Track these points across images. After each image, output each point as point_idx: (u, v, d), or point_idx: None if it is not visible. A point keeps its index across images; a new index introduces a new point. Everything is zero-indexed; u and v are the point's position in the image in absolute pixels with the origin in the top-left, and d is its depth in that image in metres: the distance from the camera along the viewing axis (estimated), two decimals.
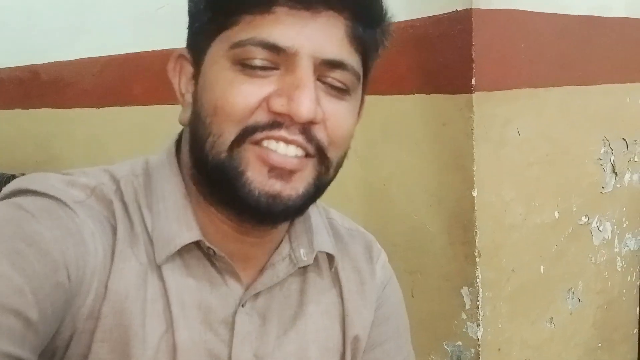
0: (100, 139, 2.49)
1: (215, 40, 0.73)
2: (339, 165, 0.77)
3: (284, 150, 0.71)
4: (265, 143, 0.71)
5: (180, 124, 0.79)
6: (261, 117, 0.70)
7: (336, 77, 0.72)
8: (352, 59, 0.73)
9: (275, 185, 0.71)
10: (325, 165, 0.74)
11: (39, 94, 2.75)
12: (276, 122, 0.70)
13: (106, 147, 2.43)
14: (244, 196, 0.71)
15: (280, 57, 0.70)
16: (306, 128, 0.71)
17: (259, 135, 0.70)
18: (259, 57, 0.70)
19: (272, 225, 0.78)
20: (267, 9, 0.69)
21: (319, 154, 0.73)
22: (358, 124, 0.83)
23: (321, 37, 0.70)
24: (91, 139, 2.53)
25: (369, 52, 0.76)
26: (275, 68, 0.70)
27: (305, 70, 0.69)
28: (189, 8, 0.77)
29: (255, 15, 0.70)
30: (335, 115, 0.73)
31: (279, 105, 0.69)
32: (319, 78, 0.72)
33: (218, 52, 0.72)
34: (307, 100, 0.69)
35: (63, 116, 2.64)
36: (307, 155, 0.72)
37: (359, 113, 0.81)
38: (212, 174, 0.73)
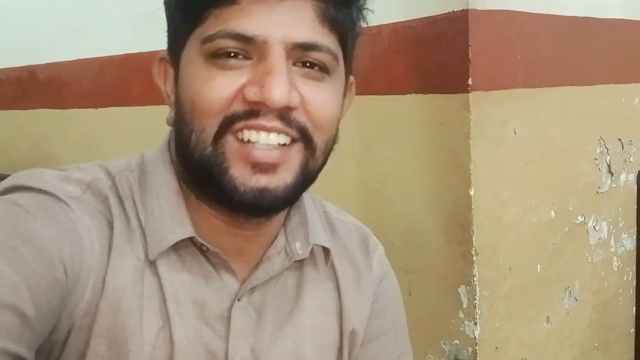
0: (98, 139, 2.49)
1: (188, 39, 0.73)
2: (328, 149, 0.77)
3: (266, 139, 0.71)
4: (246, 135, 0.70)
5: (167, 124, 0.79)
6: (238, 107, 0.70)
7: (312, 57, 0.72)
8: (326, 40, 0.72)
9: (261, 180, 0.71)
10: (311, 150, 0.74)
11: (37, 94, 2.75)
12: (253, 111, 0.70)
13: (104, 148, 2.44)
14: (230, 192, 0.71)
15: (250, 46, 0.70)
16: (283, 114, 0.71)
17: (238, 125, 0.70)
18: (230, 48, 0.70)
19: (265, 217, 0.78)
20: (232, 0, 0.69)
21: (304, 138, 0.73)
22: (358, 121, 0.83)
23: (289, 21, 0.70)
24: (89, 139, 2.53)
25: (346, 31, 0.75)
26: (249, 58, 0.70)
27: (276, 57, 0.69)
28: (164, 11, 0.78)
29: (222, 9, 0.70)
30: (315, 98, 0.72)
31: (252, 93, 0.69)
32: (295, 63, 0.71)
33: (192, 49, 0.73)
34: (278, 85, 0.68)
35: (61, 116, 2.64)
36: (293, 140, 0.72)
37: (345, 96, 0.80)
38: (199, 171, 0.73)
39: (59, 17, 2.62)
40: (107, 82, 2.44)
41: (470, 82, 1.45)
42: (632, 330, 2.01)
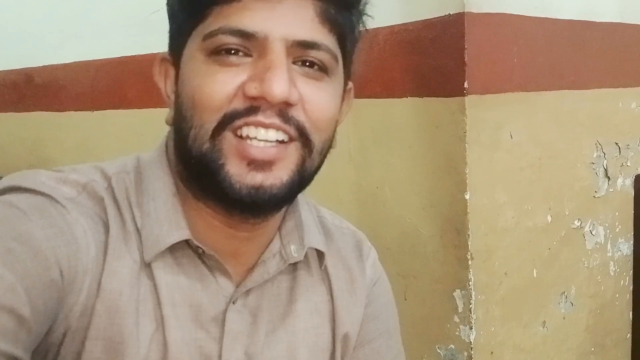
0: (94, 142, 2.49)
1: (190, 37, 0.74)
2: (325, 151, 0.77)
3: (264, 135, 0.71)
4: (245, 131, 0.71)
5: (167, 124, 0.80)
6: (239, 104, 0.71)
7: (311, 55, 0.72)
8: (326, 39, 0.73)
9: (256, 178, 0.71)
10: (308, 149, 0.74)
11: (33, 97, 2.75)
12: (253, 107, 0.70)
13: (100, 151, 2.44)
14: (227, 190, 0.71)
15: (251, 42, 0.70)
16: (283, 110, 0.71)
17: (237, 123, 0.71)
18: (231, 45, 0.70)
19: (261, 216, 0.78)
20: None
21: (301, 137, 0.73)
22: (353, 125, 0.83)
23: (290, 19, 0.71)
24: (85, 142, 2.53)
25: (345, 34, 0.76)
26: (249, 55, 0.71)
27: (276, 53, 0.70)
28: (167, 12, 0.79)
29: (223, 6, 0.71)
30: (314, 97, 0.73)
31: (252, 89, 0.70)
32: (295, 62, 0.72)
33: (193, 46, 0.73)
34: (278, 80, 0.69)
35: (57, 119, 2.64)
36: (290, 138, 0.72)
37: (344, 100, 0.81)
38: (196, 167, 0.73)
39: (56, 20, 2.62)
40: (103, 85, 2.44)
41: (466, 85, 1.45)
42: (629, 335, 2.01)
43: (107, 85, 2.42)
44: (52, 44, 2.63)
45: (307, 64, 0.73)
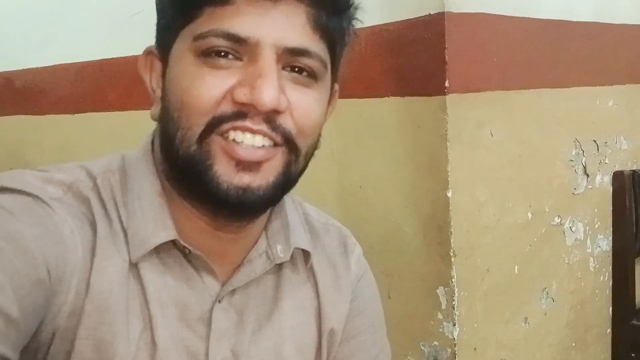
0: (75, 145, 2.48)
1: (179, 35, 0.73)
2: (310, 154, 0.78)
3: (251, 141, 0.71)
4: (231, 135, 0.71)
5: (152, 119, 0.80)
6: (227, 108, 0.71)
7: (301, 62, 0.73)
8: (317, 47, 0.73)
9: (244, 178, 0.71)
10: (294, 154, 0.75)
11: (13, 101, 2.72)
12: (241, 112, 0.70)
13: (81, 153, 2.42)
14: (214, 190, 0.71)
15: (242, 47, 0.70)
16: (271, 117, 0.71)
17: (225, 126, 0.71)
18: (222, 48, 0.70)
19: (246, 218, 0.78)
20: (227, 0, 0.70)
21: (288, 143, 0.74)
22: (336, 125, 0.84)
23: (282, 25, 0.70)
24: (66, 145, 2.51)
25: (335, 40, 0.76)
26: (239, 59, 0.71)
27: (267, 60, 0.70)
28: (155, 4, 0.78)
29: (216, 7, 0.70)
30: (301, 104, 0.73)
31: (241, 95, 0.70)
32: (284, 67, 0.72)
33: (182, 46, 0.73)
34: (269, 88, 0.69)
35: (37, 123, 2.62)
36: (275, 144, 0.73)
37: (330, 103, 0.81)
38: (183, 168, 0.73)
39: (35, 22, 2.60)
40: (83, 88, 2.42)
41: (447, 84, 1.47)
42: (609, 330, 2.04)
43: (88, 87, 2.41)
44: (32, 47, 2.60)
45: (297, 70, 0.73)
